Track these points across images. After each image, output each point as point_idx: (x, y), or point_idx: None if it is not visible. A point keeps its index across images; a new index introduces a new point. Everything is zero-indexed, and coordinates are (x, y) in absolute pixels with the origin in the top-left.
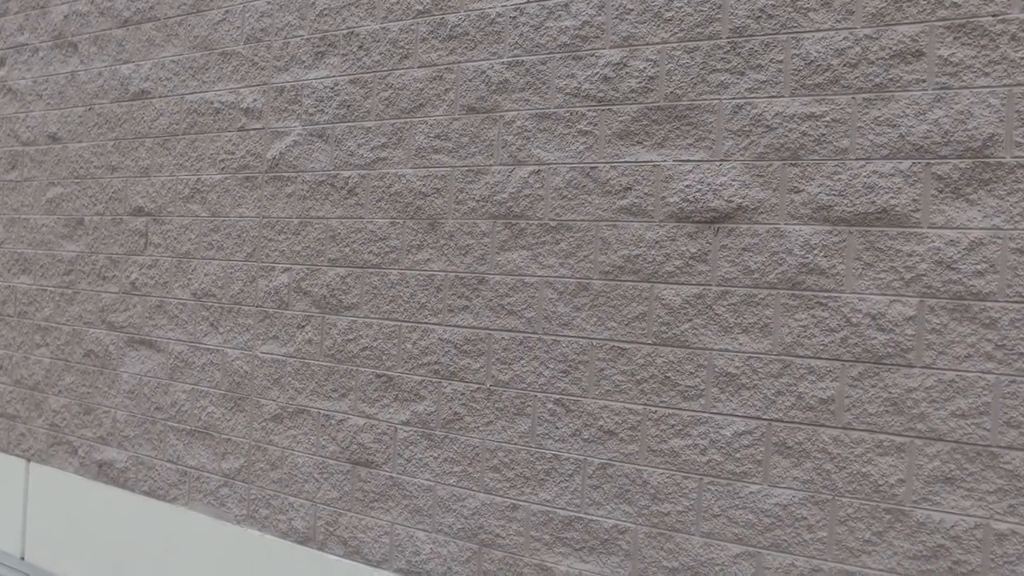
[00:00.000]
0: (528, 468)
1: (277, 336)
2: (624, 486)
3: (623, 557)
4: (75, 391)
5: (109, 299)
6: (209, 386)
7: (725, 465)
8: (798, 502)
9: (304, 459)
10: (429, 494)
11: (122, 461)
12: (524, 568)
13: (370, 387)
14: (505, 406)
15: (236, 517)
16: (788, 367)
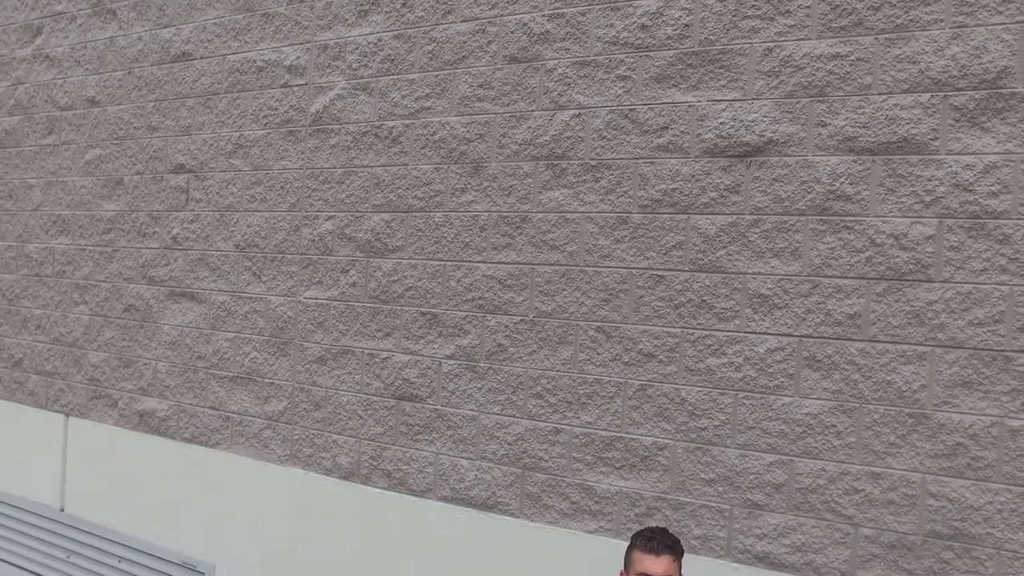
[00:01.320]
0: (570, 393)
1: (321, 281)
2: (663, 405)
3: (662, 472)
4: (115, 345)
5: (149, 255)
6: (252, 333)
7: (759, 380)
8: (827, 411)
9: (348, 397)
10: (473, 423)
11: (163, 410)
12: (566, 488)
13: (415, 325)
14: (548, 336)
15: (279, 458)
16: (817, 287)
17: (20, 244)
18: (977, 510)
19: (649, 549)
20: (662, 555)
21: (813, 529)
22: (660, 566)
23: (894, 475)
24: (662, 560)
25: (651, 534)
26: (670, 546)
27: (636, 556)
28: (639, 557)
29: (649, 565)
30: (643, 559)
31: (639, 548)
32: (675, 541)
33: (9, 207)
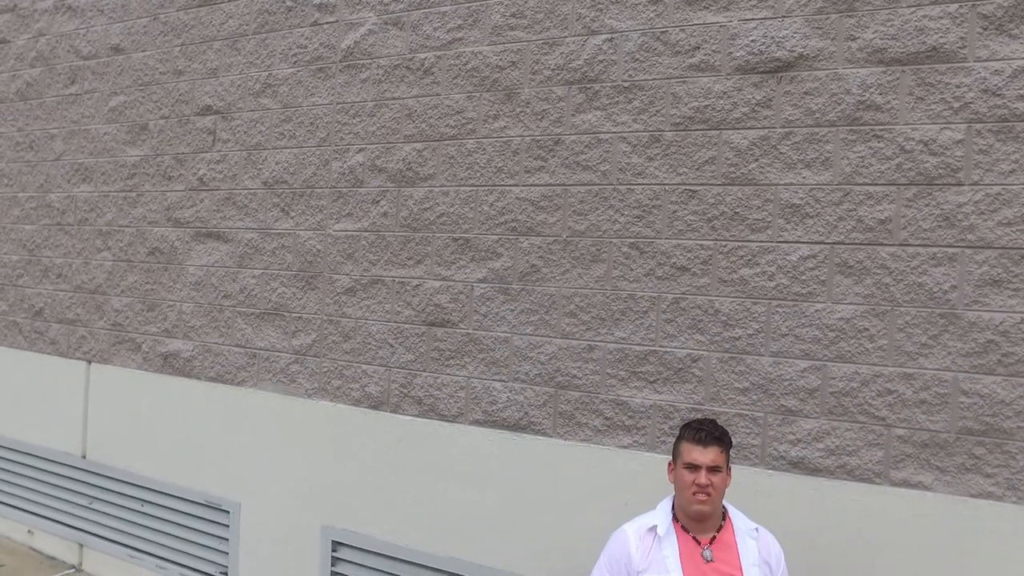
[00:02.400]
0: (604, 310)
1: (351, 213)
2: (696, 317)
3: (696, 384)
4: (138, 289)
5: (175, 197)
6: (280, 269)
7: (791, 288)
8: (860, 315)
9: (378, 327)
10: (506, 345)
11: (188, 351)
12: (600, 405)
13: (446, 251)
14: (581, 254)
15: (307, 391)
16: (848, 194)
17: (41, 194)
18: (1008, 405)
19: (696, 440)
20: (709, 446)
21: (847, 432)
22: (707, 456)
23: (926, 375)
24: (709, 451)
25: (699, 425)
26: (717, 437)
27: (684, 447)
28: (687, 448)
29: (696, 456)
30: (690, 450)
31: (687, 439)
32: (723, 432)
33: (30, 158)
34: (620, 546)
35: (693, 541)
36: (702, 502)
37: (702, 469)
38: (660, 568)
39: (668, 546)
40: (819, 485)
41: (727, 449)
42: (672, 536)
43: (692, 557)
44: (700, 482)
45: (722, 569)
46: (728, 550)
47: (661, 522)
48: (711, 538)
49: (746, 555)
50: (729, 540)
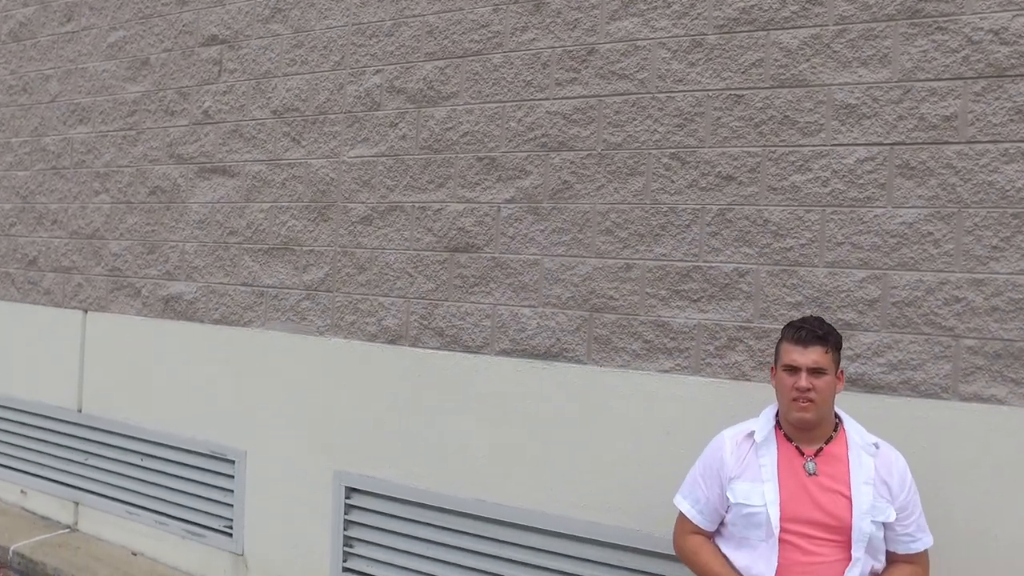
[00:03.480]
0: (642, 225)
1: (367, 138)
2: (744, 228)
3: (744, 300)
4: (138, 231)
5: (178, 133)
6: (290, 200)
7: (848, 193)
8: (923, 219)
9: (396, 256)
10: (535, 268)
11: (190, 293)
12: (639, 327)
13: (470, 172)
14: (617, 168)
15: (318, 329)
16: (909, 92)
17: (35, 138)
18: None
19: (796, 339)
20: (811, 346)
21: (911, 345)
22: (807, 357)
23: (998, 280)
24: (811, 351)
25: (800, 323)
26: (820, 336)
27: (783, 348)
28: (786, 349)
29: (795, 357)
30: (789, 350)
31: (786, 339)
32: (828, 331)
33: (23, 101)
34: (715, 452)
35: (795, 451)
36: (803, 409)
37: (802, 372)
38: (754, 476)
39: (766, 454)
40: (881, 403)
41: (834, 349)
42: (771, 444)
43: (792, 468)
44: (800, 386)
45: (826, 484)
46: (836, 464)
47: (761, 428)
48: (817, 449)
49: (858, 471)
50: (839, 453)
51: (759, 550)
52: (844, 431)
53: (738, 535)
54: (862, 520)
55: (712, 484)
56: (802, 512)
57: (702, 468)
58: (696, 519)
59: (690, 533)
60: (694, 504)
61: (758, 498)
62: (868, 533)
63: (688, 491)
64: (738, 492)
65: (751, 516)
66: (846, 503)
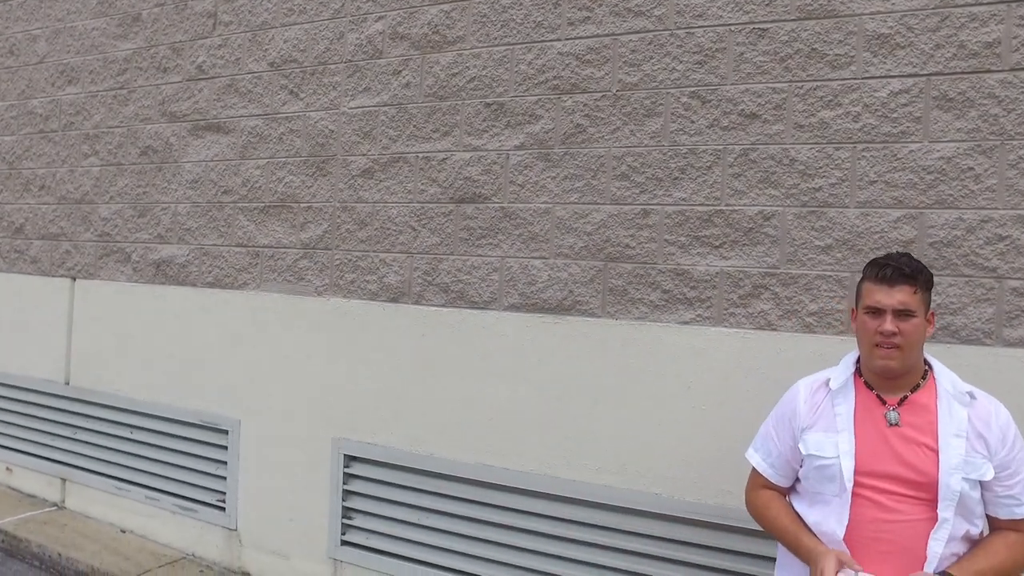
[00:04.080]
0: (660, 169)
1: (369, 88)
2: (769, 169)
3: (769, 245)
4: (128, 194)
5: (170, 90)
6: (287, 156)
7: (880, 128)
8: (963, 153)
9: (398, 210)
10: (546, 217)
11: (182, 256)
12: (657, 276)
13: (477, 118)
14: (633, 109)
15: (316, 288)
16: (947, 19)
17: (22, 102)
18: None
19: (880, 278)
20: (897, 284)
21: (950, 288)
22: (893, 298)
23: None
24: (897, 291)
25: (884, 260)
26: (908, 274)
27: (865, 288)
28: (868, 288)
29: (880, 297)
30: (872, 290)
31: (868, 278)
32: (917, 268)
33: (10, 64)
34: (788, 402)
35: (876, 400)
36: (887, 356)
37: (887, 314)
38: (828, 426)
39: (842, 402)
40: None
41: (924, 289)
42: (849, 391)
43: (871, 418)
44: (884, 330)
45: (910, 436)
46: (923, 413)
47: (838, 375)
48: (901, 398)
49: (948, 422)
50: (926, 402)
51: (831, 505)
52: (934, 378)
53: (811, 490)
54: (950, 476)
55: (784, 436)
56: (881, 465)
57: (775, 419)
58: (767, 473)
59: (761, 488)
60: (765, 457)
61: (831, 449)
62: (958, 492)
63: (760, 444)
64: (810, 443)
65: (823, 469)
66: (932, 457)
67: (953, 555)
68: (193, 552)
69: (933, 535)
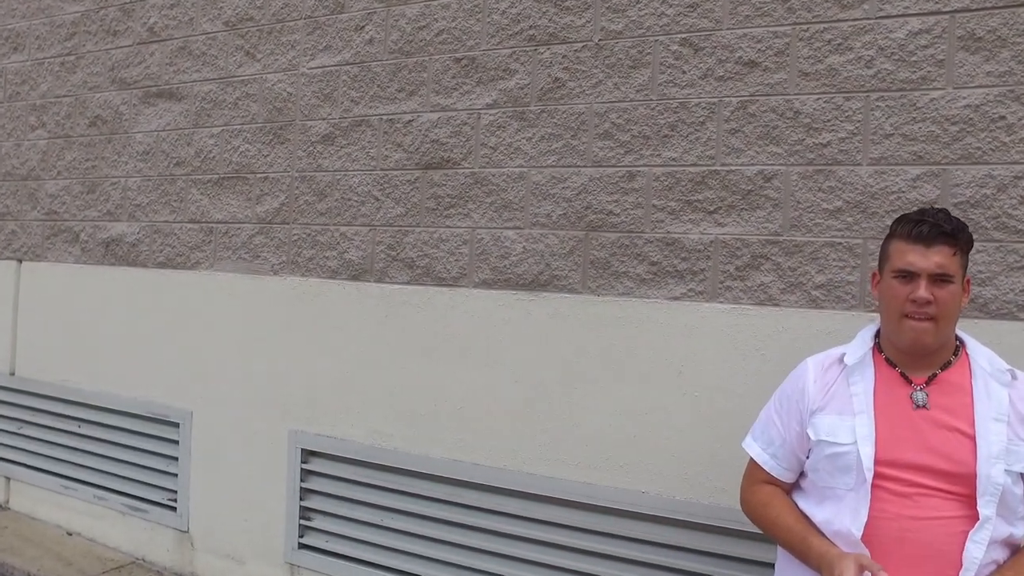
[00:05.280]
0: (647, 126)
1: (329, 46)
2: (770, 123)
3: (771, 209)
4: (77, 168)
5: (120, 55)
6: (243, 123)
7: (897, 74)
8: (993, 100)
9: (360, 178)
10: (521, 183)
11: (133, 234)
12: (644, 247)
13: (446, 75)
14: (618, 60)
15: (273, 267)
16: None
17: None
18: None
19: (915, 237)
20: (935, 245)
21: (978, 255)
22: (930, 260)
23: None
24: (935, 252)
25: (919, 216)
26: (949, 232)
27: (894, 247)
28: (898, 248)
29: (914, 259)
30: (904, 251)
31: (899, 236)
32: (958, 226)
33: None
34: (795, 380)
35: (900, 379)
36: (920, 329)
37: (921, 279)
38: (842, 407)
39: (860, 381)
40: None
41: (964, 252)
42: (868, 369)
43: (895, 399)
44: (918, 297)
45: (940, 420)
46: (956, 394)
47: (854, 350)
48: (929, 376)
49: (985, 404)
50: (960, 381)
51: (846, 501)
52: (967, 355)
53: (821, 485)
54: (991, 467)
55: (790, 420)
56: (906, 454)
57: (778, 402)
58: (768, 465)
59: (761, 483)
60: (766, 447)
61: (846, 434)
62: (1000, 485)
63: (760, 431)
64: (821, 427)
65: (837, 458)
66: (968, 444)
67: (992, 563)
68: (143, 556)
69: (972, 537)
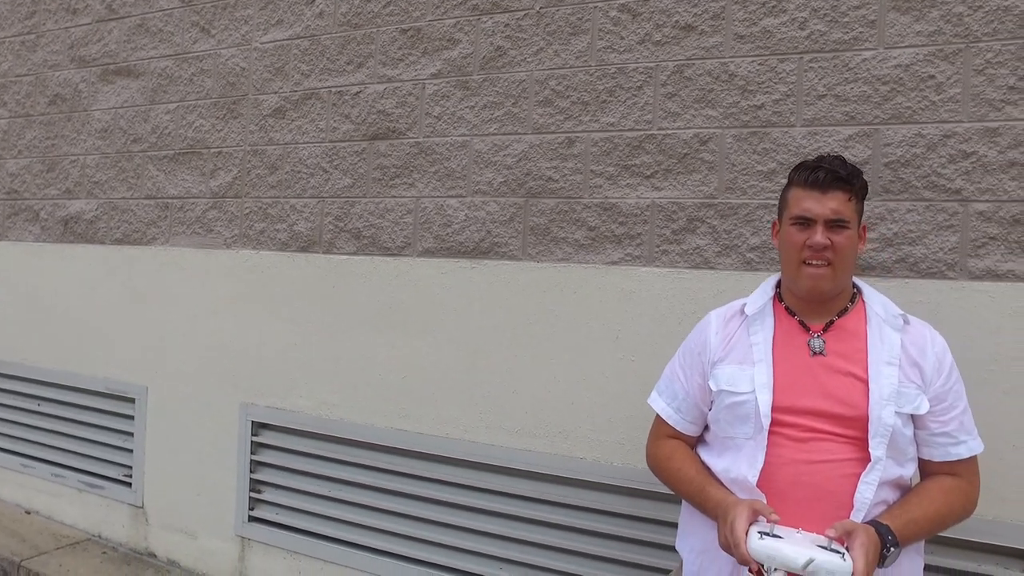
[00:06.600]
0: (586, 92)
1: (282, 20)
2: (706, 86)
3: (707, 172)
4: (37, 147)
5: (80, 33)
6: (198, 98)
7: (830, 35)
8: (923, 60)
9: (310, 150)
10: (463, 151)
11: (91, 211)
12: (583, 212)
13: (393, 46)
14: (558, 27)
15: (225, 240)
16: None
17: None
18: None
19: (812, 183)
20: (831, 191)
21: (908, 214)
22: (826, 206)
23: (1016, 128)
24: (831, 198)
25: (816, 163)
26: (844, 178)
27: (793, 195)
28: (797, 196)
29: (810, 205)
30: (801, 197)
31: (797, 184)
32: (853, 172)
33: None
34: (698, 333)
35: (799, 327)
36: (817, 275)
37: (818, 225)
38: (742, 357)
39: (759, 330)
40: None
41: (859, 197)
42: (767, 318)
43: (793, 347)
44: (815, 242)
45: (836, 366)
46: (851, 340)
47: (754, 300)
48: (826, 323)
49: (879, 349)
50: (855, 328)
51: (744, 449)
52: (863, 302)
53: (721, 435)
54: (882, 408)
55: (692, 374)
56: (803, 400)
57: (681, 356)
58: (672, 419)
59: (665, 437)
60: (670, 401)
61: (746, 383)
62: (890, 426)
63: (665, 386)
64: (721, 377)
65: (736, 407)
66: (862, 388)
67: (882, 503)
68: (99, 533)
69: (863, 478)
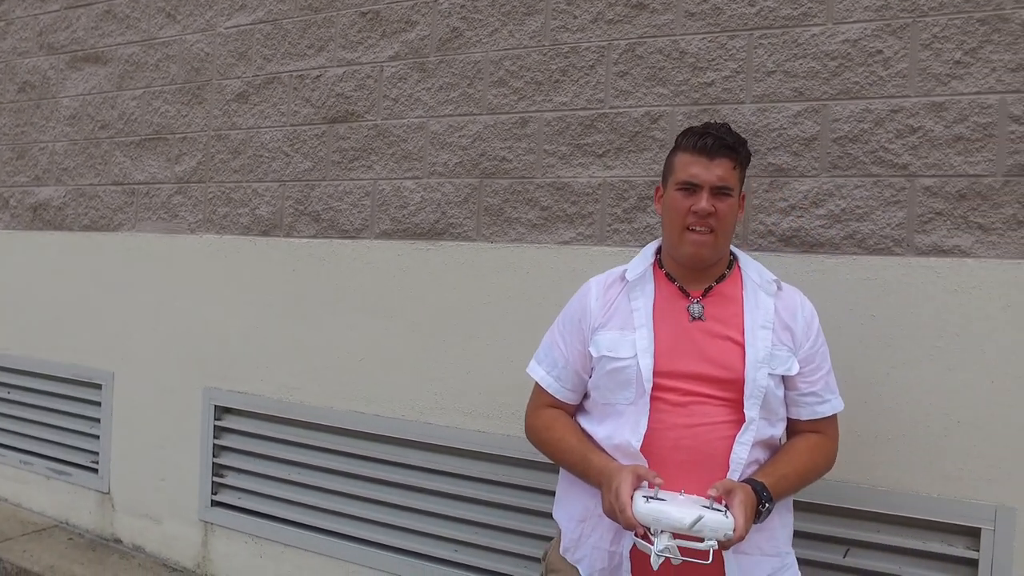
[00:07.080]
0: (540, 72)
1: (245, 5)
2: (657, 64)
3: (657, 150)
4: (7, 135)
5: (48, 20)
6: (163, 84)
7: (779, 11)
8: (870, 35)
9: (272, 134)
10: (420, 133)
11: (59, 198)
12: (535, 192)
13: (352, 29)
14: (513, 7)
15: (190, 225)
16: None
17: None
18: None
19: (700, 149)
20: (717, 157)
21: (856, 190)
22: (712, 172)
23: (962, 103)
24: (717, 164)
25: (703, 129)
26: (730, 145)
27: (679, 160)
28: (683, 161)
29: (697, 171)
30: (688, 162)
31: (684, 149)
32: (739, 140)
33: None
34: (578, 300)
35: (679, 292)
36: (699, 241)
37: (703, 191)
38: (624, 323)
39: (640, 296)
40: (821, 265)
41: (743, 166)
42: (648, 284)
43: (672, 312)
44: (700, 208)
45: (713, 330)
46: (728, 305)
47: (635, 265)
48: (705, 288)
49: (754, 313)
50: (732, 293)
51: (626, 415)
52: (739, 268)
53: (602, 402)
54: (757, 370)
55: (573, 340)
56: (683, 364)
57: (561, 324)
58: (552, 387)
59: (545, 407)
60: (550, 369)
61: (627, 349)
62: (764, 387)
63: (544, 355)
64: (602, 343)
65: (617, 373)
66: (738, 351)
67: (755, 462)
68: (67, 520)
69: (738, 439)
